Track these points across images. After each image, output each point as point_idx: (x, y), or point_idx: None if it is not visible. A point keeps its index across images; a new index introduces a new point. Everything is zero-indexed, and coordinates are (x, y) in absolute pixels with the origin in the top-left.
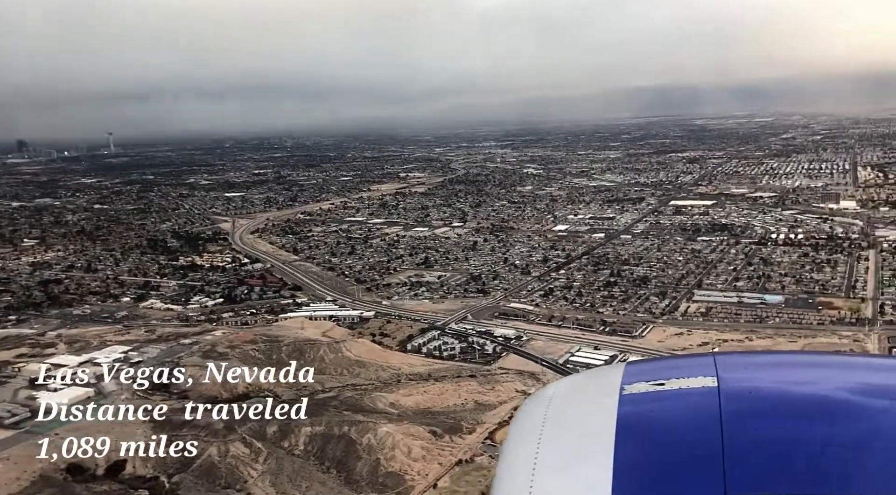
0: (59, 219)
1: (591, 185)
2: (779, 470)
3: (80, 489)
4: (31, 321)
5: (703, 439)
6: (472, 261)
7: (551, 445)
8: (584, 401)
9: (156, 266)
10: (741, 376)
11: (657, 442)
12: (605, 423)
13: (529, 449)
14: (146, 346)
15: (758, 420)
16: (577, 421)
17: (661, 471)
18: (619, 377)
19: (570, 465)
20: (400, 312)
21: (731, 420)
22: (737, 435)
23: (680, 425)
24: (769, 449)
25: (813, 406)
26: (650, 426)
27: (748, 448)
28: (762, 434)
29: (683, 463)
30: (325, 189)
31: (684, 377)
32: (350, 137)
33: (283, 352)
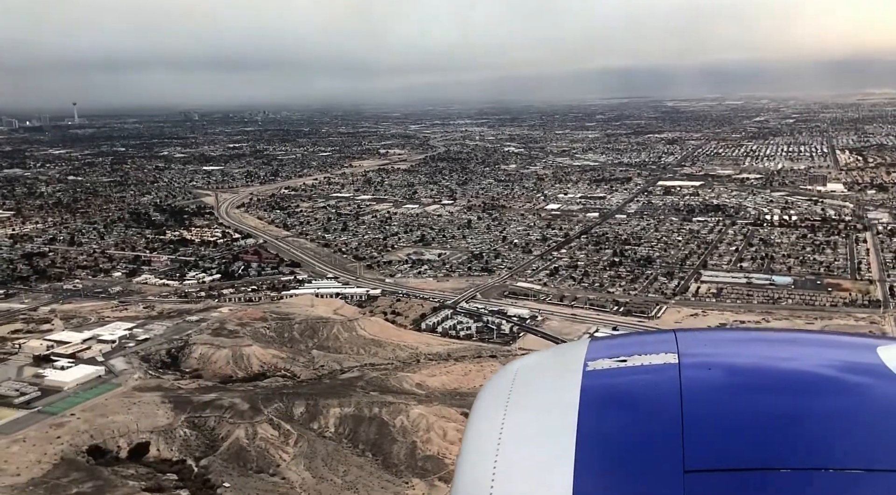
0: (33, 191)
1: (575, 165)
2: (737, 444)
3: (107, 473)
4: (20, 295)
5: (662, 414)
6: (469, 240)
7: (516, 419)
8: (548, 377)
9: (143, 240)
10: (701, 352)
11: (619, 416)
12: (568, 398)
13: (494, 423)
14: (150, 323)
15: (717, 395)
16: (541, 397)
17: (622, 445)
18: (582, 353)
19: (534, 439)
20: (406, 290)
21: (690, 395)
22: (696, 410)
23: (641, 400)
24: (728, 423)
25: (772, 381)
26: (612, 401)
27: (707, 423)
28: (721, 409)
29: (643, 437)
30: (306, 164)
31: (646, 353)
32: (318, 112)
33: (295, 330)
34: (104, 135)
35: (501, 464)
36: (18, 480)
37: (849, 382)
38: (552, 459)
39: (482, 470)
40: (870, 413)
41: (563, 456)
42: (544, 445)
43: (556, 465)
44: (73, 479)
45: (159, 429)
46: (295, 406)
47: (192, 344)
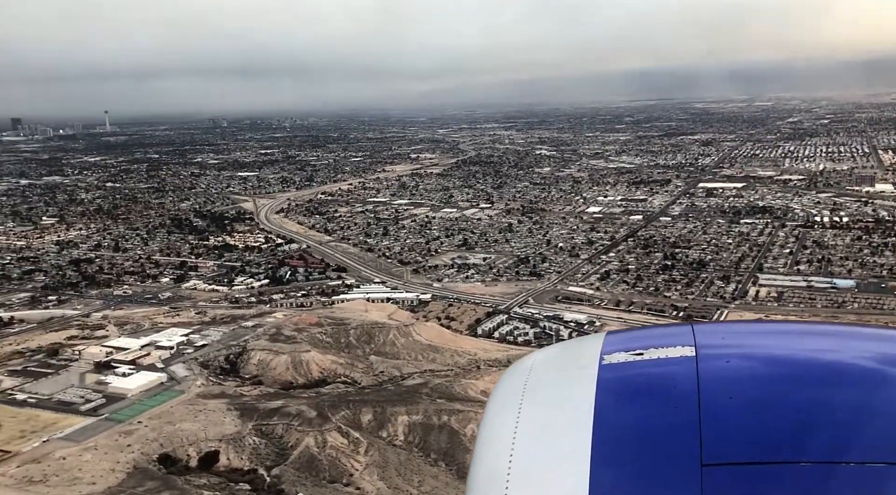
0: (74, 198)
1: (611, 167)
2: (754, 437)
3: (181, 482)
4: (72, 301)
5: (679, 407)
6: (513, 243)
7: (531, 414)
8: (563, 371)
9: (187, 246)
10: (719, 345)
11: (635, 410)
12: (584, 392)
13: (509, 418)
14: (206, 329)
15: (734, 388)
16: (556, 391)
17: (639, 439)
18: (598, 347)
19: (550, 432)
20: (456, 295)
21: (708, 388)
22: (713, 403)
23: (657, 394)
24: (745, 417)
25: (791, 373)
26: (628, 395)
27: (724, 417)
28: (739, 402)
29: (660, 431)
30: (339, 169)
31: (663, 346)
32: (345, 118)
33: (350, 335)
34: (136, 142)
35: (517, 458)
36: (95, 489)
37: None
38: (568, 453)
39: (498, 464)
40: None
41: (579, 450)
42: (560, 439)
43: (572, 459)
44: (148, 489)
45: (228, 437)
46: (362, 413)
47: (250, 350)
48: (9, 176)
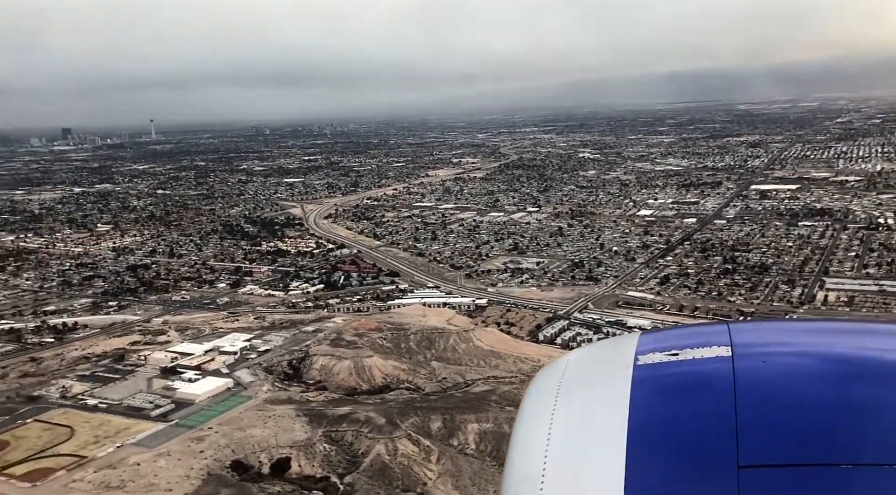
0: (126, 205)
1: (658, 170)
2: (792, 439)
3: (255, 490)
4: (132, 307)
5: (715, 408)
6: (565, 247)
7: (565, 416)
8: (597, 372)
9: (240, 251)
10: (755, 345)
11: (670, 412)
12: (618, 394)
13: (543, 419)
14: (267, 334)
15: (772, 389)
16: (590, 392)
17: (675, 441)
18: (633, 347)
19: (584, 435)
20: (512, 300)
21: (744, 389)
22: (750, 404)
23: (693, 395)
24: (783, 418)
25: (830, 374)
26: (663, 396)
27: (762, 418)
28: (776, 403)
29: (696, 433)
30: (383, 175)
31: (698, 346)
32: (384, 124)
33: (411, 340)
34: (182, 150)
35: (552, 460)
36: None
37: None
38: (603, 455)
39: (532, 465)
40: None
41: (613, 452)
42: (595, 440)
43: (607, 461)
44: None
45: (298, 444)
46: (431, 421)
47: (312, 355)
48: (62, 184)
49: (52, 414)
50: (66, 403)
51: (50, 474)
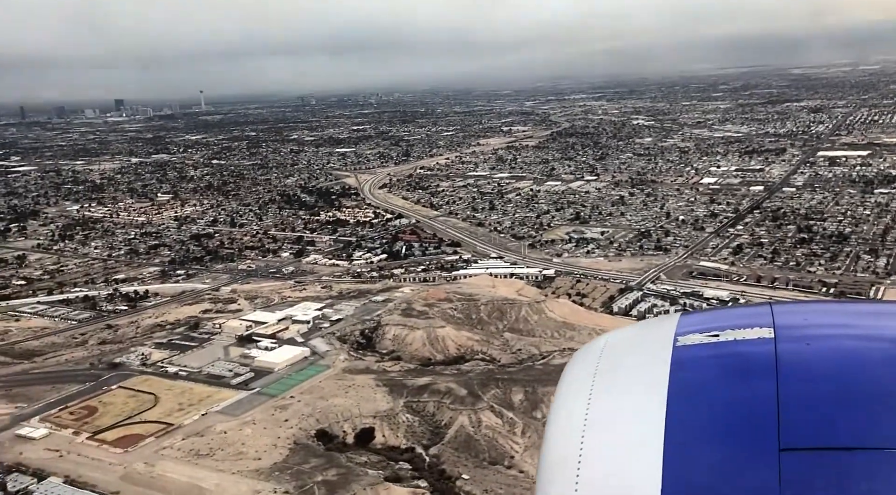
0: (183, 175)
1: (716, 137)
2: (835, 423)
3: (343, 460)
4: (199, 275)
5: (757, 391)
6: (629, 217)
7: (603, 396)
8: (636, 353)
9: (300, 221)
10: (799, 326)
11: (710, 395)
12: (657, 376)
13: (581, 400)
14: (338, 303)
15: (816, 372)
16: (629, 374)
17: (714, 424)
18: (672, 328)
19: (622, 416)
20: (580, 270)
21: (787, 372)
22: (793, 387)
23: (734, 377)
24: (826, 401)
25: (875, 356)
26: (703, 379)
27: (804, 401)
28: (819, 386)
29: (737, 415)
30: (433, 144)
31: (740, 327)
32: (429, 93)
33: (482, 311)
34: (231, 120)
35: (589, 442)
36: (262, 464)
37: None
38: (641, 436)
39: (569, 448)
40: None
41: (652, 434)
42: (633, 422)
43: (645, 443)
44: (314, 466)
45: (381, 414)
46: (512, 393)
47: (384, 325)
48: (119, 154)
49: (134, 381)
50: (146, 370)
51: (140, 440)
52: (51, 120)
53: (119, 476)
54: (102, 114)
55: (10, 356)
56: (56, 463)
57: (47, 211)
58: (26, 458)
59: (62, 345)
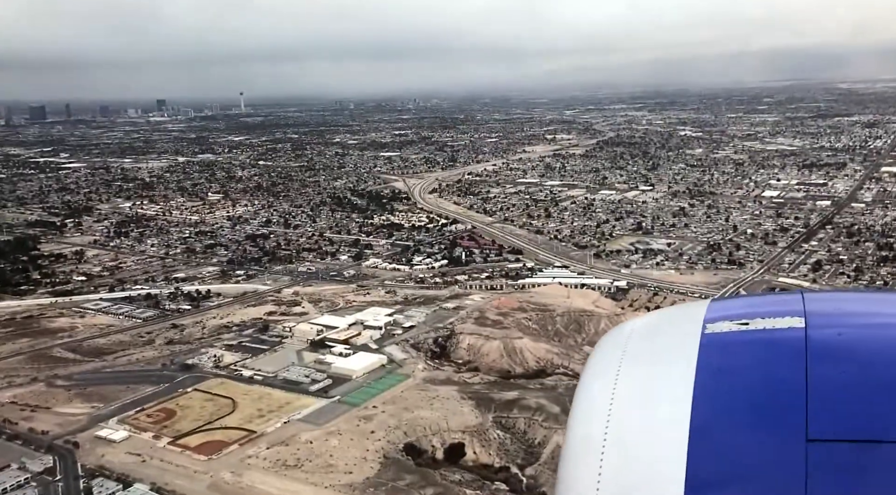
0: (231, 175)
1: (770, 149)
2: (865, 414)
3: (438, 477)
4: (259, 277)
5: (786, 380)
6: (693, 228)
7: (628, 383)
8: (664, 339)
9: (353, 224)
10: (831, 316)
11: (738, 382)
12: (684, 361)
13: (606, 386)
14: (408, 309)
15: (846, 363)
16: (655, 359)
17: (741, 412)
18: (701, 315)
19: (648, 403)
20: (652, 283)
21: (817, 362)
22: (823, 377)
23: (763, 366)
24: (857, 392)
25: None
26: (731, 366)
27: (834, 391)
28: (850, 377)
29: (764, 404)
30: (478, 150)
31: (770, 316)
32: (466, 100)
33: (557, 322)
34: (272, 123)
35: (613, 427)
36: (353, 479)
37: None
38: (666, 423)
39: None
40: None
41: (677, 421)
42: (658, 409)
43: (670, 429)
44: (410, 483)
45: (471, 429)
46: None
47: (458, 333)
48: (165, 153)
49: (209, 383)
50: (220, 373)
51: (223, 447)
52: (95, 118)
53: (206, 485)
54: (144, 113)
55: (79, 353)
56: (140, 469)
57: (100, 207)
58: (108, 462)
59: (130, 343)
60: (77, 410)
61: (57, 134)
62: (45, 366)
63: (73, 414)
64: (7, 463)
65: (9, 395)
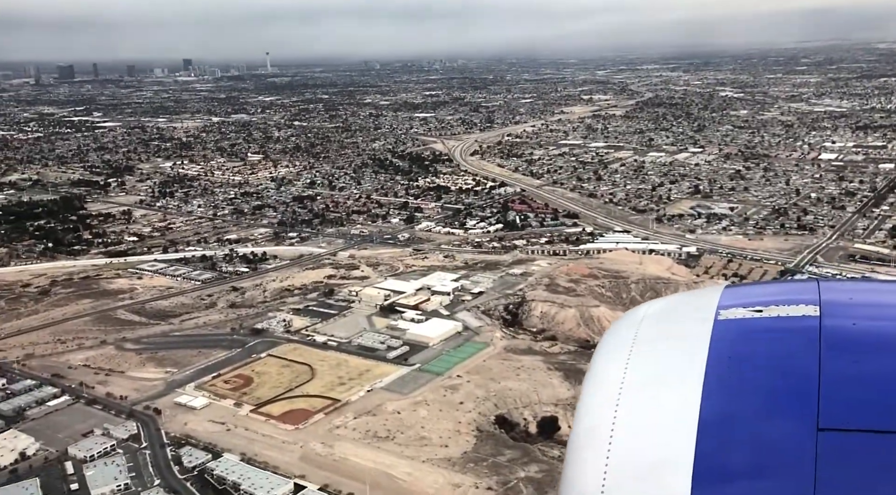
0: (268, 135)
1: (819, 111)
2: (877, 405)
3: (538, 453)
4: (312, 239)
5: (798, 368)
6: (754, 192)
7: (640, 366)
8: (676, 324)
9: (398, 186)
10: (846, 305)
11: (749, 369)
12: (696, 347)
13: (617, 368)
14: (473, 274)
15: (860, 352)
16: (667, 344)
17: (752, 399)
18: (715, 301)
19: (658, 388)
20: (721, 248)
21: (830, 351)
22: (836, 366)
23: (775, 353)
24: (870, 382)
25: None
26: (743, 353)
27: (846, 381)
28: (864, 366)
29: (776, 391)
30: (514, 111)
31: (785, 304)
32: (493, 60)
33: (632, 290)
34: (299, 83)
35: (622, 413)
36: (450, 453)
37: None
38: (676, 408)
39: (603, 415)
40: None
41: (687, 406)
42: (669, 395)
43: (680, 417)
44: (511, 459)
45: (563, 402)
46: None
47: (530, 300)
48: (198, 113)
49: (283, 349)
50: (292, 338)
51: (308, 417)
52: (122, 78)
53: (297, 456)
54: (171, 73)
55: (143, 315)
56: (226, 438)
57: (141, 167)
58: (192, 430)
59: (192, 306)
60: (151, 375)
61: (87, 93)
62: (112, 328)
63: (148, 379)
64: (90, 429)
65: (81, 358)
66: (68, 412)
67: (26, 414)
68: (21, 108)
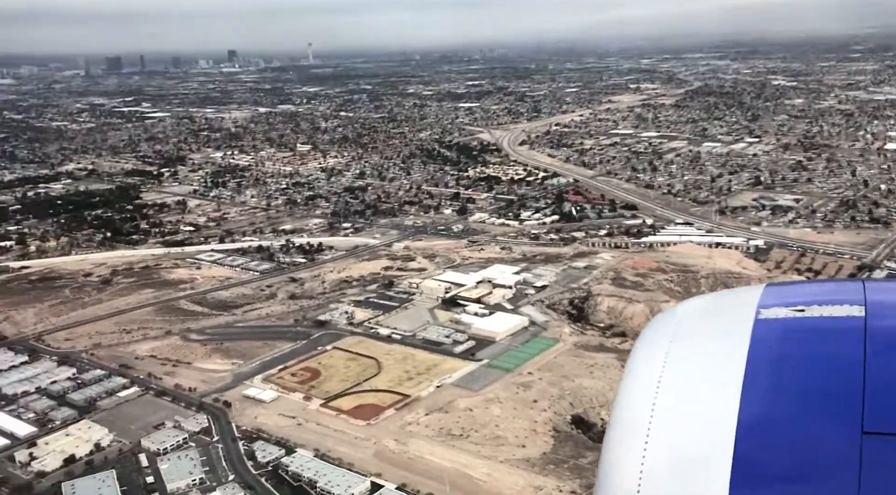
0: (316, 126)
1: (879, 99)
2: None
3: None
4: (367, 230)
5: (842, 371)
6: (818, 184)
7: (677, 366)
8: (714, 323)
9: (448, 177)
10: (893, 306)
11: (791, 371)
12: (735, 348)
13: (654, 367)
14: (535, 267)
15: None
16: (706, 344)
17: (793, 401)
18: (755, 300)
19: (696, 388)
20: (790, 242)
21: (876, 352)
22: (881, 369)
23: (818, 355)
24: None
25: None
26: (785, 353)
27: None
28: None
29: (818, 394)
30: (560, 100)
31: (829, 304)
32: (532, 50)
33: (702, 284)
34: (342, 74)
35: (660, 408)
36: (529, 454)
37: None
38: (715, 408)
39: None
40: None
41: (726, 407)
42: (707, 393)
43: (718, 415)
44: (592, 461)
45: None
46: None
47: (595, 295)
48: (244, 103)
49: (348, 341)
50: (356, 331)
51: (379, 412)
52: (168, 69)
53: (371, 453)
54: (216, 64)
55: (205, 306)
56: (298, 433)
57: (192, 157)
58: (263, 424)
59: (253, 297)
60: (218, 367)
61: (134, 84)
62: (176, 318)
63: (215, 371)
64: (161, 421)
65: (147, 348)
66: (138, 403)
67: (98, 404)
68: (73, 99)
